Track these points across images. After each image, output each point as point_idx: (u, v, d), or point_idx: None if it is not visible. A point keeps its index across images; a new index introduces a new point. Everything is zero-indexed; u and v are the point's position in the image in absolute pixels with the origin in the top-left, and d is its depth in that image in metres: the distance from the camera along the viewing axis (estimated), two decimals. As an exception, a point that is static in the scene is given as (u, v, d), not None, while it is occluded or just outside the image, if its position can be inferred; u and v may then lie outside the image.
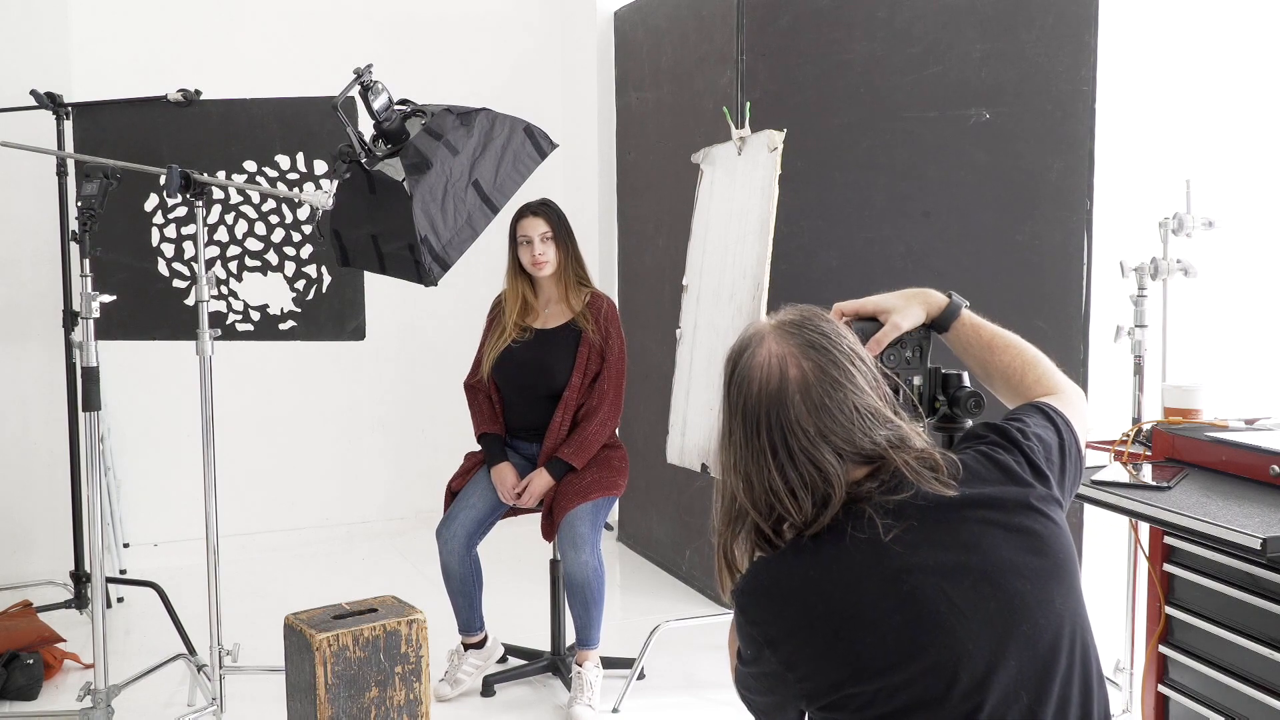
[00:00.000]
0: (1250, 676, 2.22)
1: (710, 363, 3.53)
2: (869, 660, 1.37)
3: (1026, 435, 1.52)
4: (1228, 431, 2.50)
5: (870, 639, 1.37)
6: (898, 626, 1.37)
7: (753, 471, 1.45)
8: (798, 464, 1.42)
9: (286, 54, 4.87)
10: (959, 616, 1.37)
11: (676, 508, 4.64)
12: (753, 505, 1.46)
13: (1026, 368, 1.71)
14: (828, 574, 1.40)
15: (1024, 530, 1.43)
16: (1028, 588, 1.40)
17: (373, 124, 2.80)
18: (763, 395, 1.44)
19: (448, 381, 4.29)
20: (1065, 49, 3.78)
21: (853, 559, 1.40)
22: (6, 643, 3.46)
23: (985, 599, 1.38)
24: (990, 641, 1.37)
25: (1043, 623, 1.40)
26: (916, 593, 1.37)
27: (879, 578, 1.38)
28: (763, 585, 1.45)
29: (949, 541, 1.40)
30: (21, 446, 4.39)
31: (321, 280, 3.72)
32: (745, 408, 1.46)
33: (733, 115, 3.59)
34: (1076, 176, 3.83)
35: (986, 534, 1.42)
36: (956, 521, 1.42)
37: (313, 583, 4.50)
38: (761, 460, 1.44)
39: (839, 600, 1.39)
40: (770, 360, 1.45)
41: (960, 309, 1.74)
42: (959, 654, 1.36)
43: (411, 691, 2.77)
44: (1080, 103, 3.80)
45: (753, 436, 1.45)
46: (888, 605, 1.37)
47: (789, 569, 1.43)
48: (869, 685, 1.37)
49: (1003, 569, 1.40)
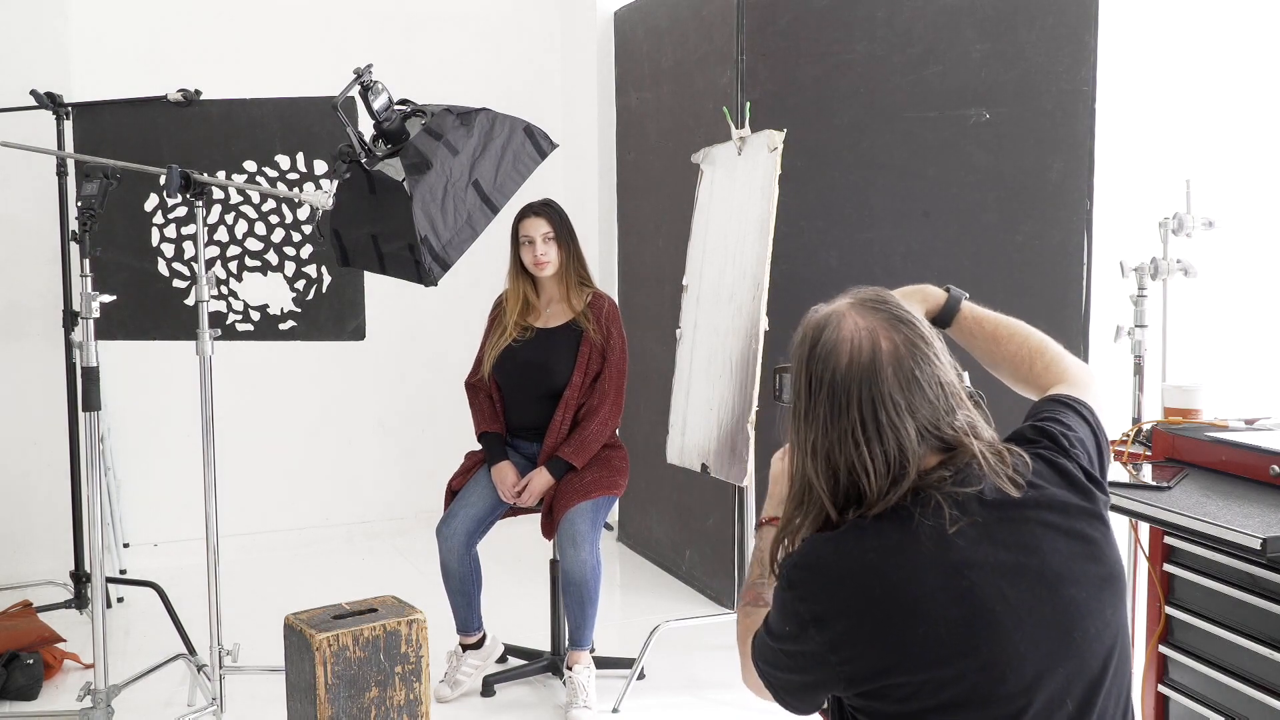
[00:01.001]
0: (1250, 676, 2.22)
1: (710, 362, 3.53)
2: (919, 651, 1.35)
3: (1073, 442, 1.51)
4: (1228, 431, 2.50)
5: (923, 629, 1.35)
6: (953, 620, 1.35)
7: (836, 449, 1.42)
8: (884, 439, 1.39)
9: (286, 54, 4.87)
10: (1014, 618, 1.36)
11: (676, 508, 4.64)
12: (829, 488, 1.43)
13: (1034, 355, 1.70)
14: (888, 558, 1.38)
15: (1082, 537, 1.42)
16: (1082, 595, 1.39)
17: (373, 124, 2.80)
18: (854, 367, 1.41)
19: (448, 381, 4.29)
20: (1065, 49, 3.78)
21: (915, 547, 1.37)
22: (6, 643, 3.46)
23: (1041, 603, 1.37)
24: (1042, 646, 1.36)
25: (1093, 632, 1.39)
26: (975, 589, 1.36)
27: (940, 569, 1.36)
28: (820, 561, 1.41)
29: (1011, 541, 1.39)
30: (21, 446, 4.39)
31: (321, 280, 3.72)
32: (834, 381, 1.42)
33: (733, 115, 3.59)
34: (1076, 176, 3.83)
35: (1047, 537, 1.40)
36: (1019, 521, 1.40)
37: (313, 583, 4.50)
38: (849, 436, 1.40)
39: (897, 586, 1.36)
40: (860, 333, 1.42)
41: (960, 303, 1.74)
42: (1010, 655, 1.35)
43: (411, 691, 2.77)
44: (1080, 103, 3.80)
45: (841, 412, 1.41)
46: (945, 598, 1.35)
47: (849, 548, 1.40)
48: (915, 676, 1.35)
49: (1060, 574, 1.39)
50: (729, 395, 3.40)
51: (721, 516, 4.24)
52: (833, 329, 1.44)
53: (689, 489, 4.45)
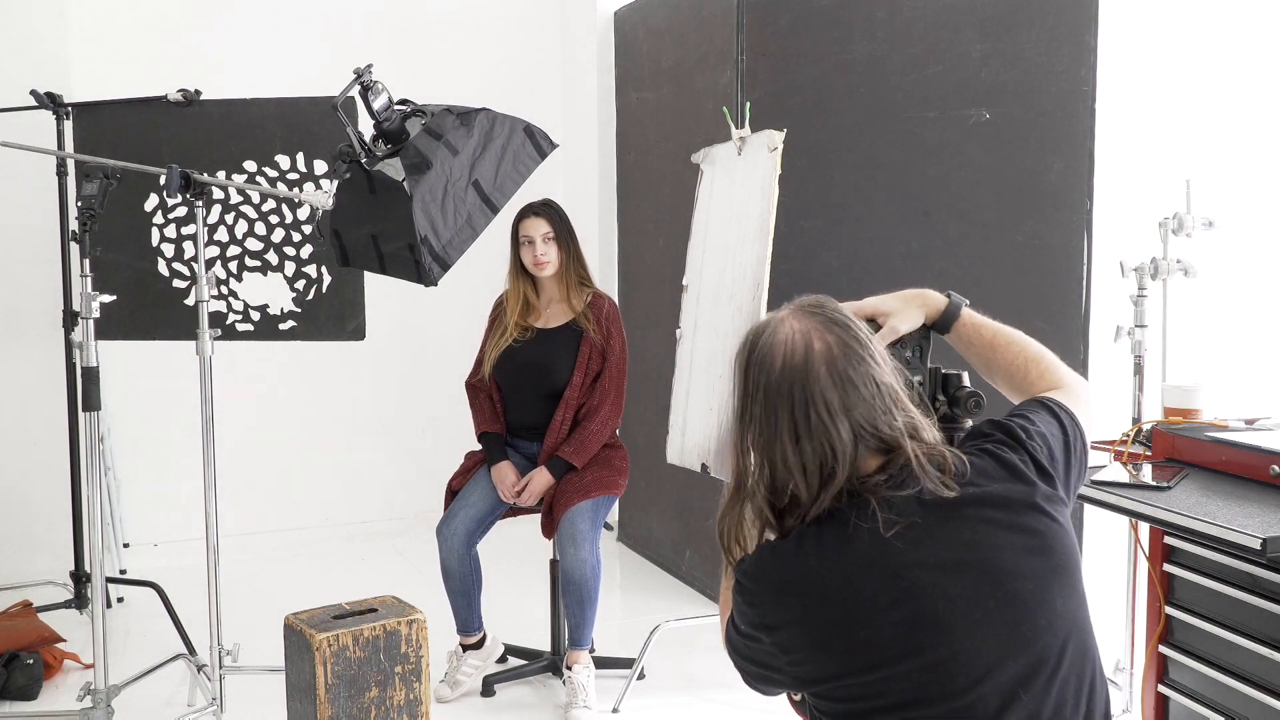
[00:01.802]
0: (1250, 676, 2.22)
1: (710, 362, 3.53)
2: (863, 654, 1.37)
3: (1030, 434, 1.52)
4: (1228, 431, 2.50)
5: (866, 634, 1.37)
6: (895, 622, 1.37)
7: (769, 448, 1.45)
8: (814, 438, 1.42)
9: (286, 54, 4.87)
10: (958, 615, 1.37)
11: (676, 508, 4.64)
12: (765, 485, 1.46)
13: (1030, 364, 1.70)
14: (828, 566, 1.40)
15: (1027, 530, 1.43)
16: (1029, 588, 1.40)
17: (373, 124, 2.80)
18: (786, 368, 1.44)
19: (448, 381, 4.29)
20: (1065, 49, 3.78)
21: (854, 553, 1.40)
22: (6, 643, 3.46)
23: (985, 598, 1.38)
24: (990, 641, 1.37)
25: (1043, 623, 1.40)
26: (915, 590, 1.37)
27: (879, 573, 1.38)
28: (764, 572, 1.46)
29: (951, 539, 1.40)
30: (21, 446, 4.39)
31: (321, 280, 3.72)
32: (768, 384, 1.45)
33: (733, 115, 3.59)
34: (1076, 176, 3.83)
35: (989, 533, 1.41)
36: (959, 520, 1.41)
37: (313, 583, 4.50)
38: (780, 436, 1.44)
39: (837, 594, 1.39)
40: (794, 335, 1.46)
41: (960, 309, 1.74)
42: (956, 652, 1.36)
43: (411, 691, 2.77)
44: (1080, 103, 3.80)
45: (772, 413, 1.45)
46: (886, 600, 1.37)
47: (790, 559, 1.44)
48: (861, 678, 1.38)
49: (1004, 569, 1.40)
50: (729, 395, 3.40)
51: (721, 516, 4.23)
52: (769, 333, 1.48)
53: (689, 489, 4.45)
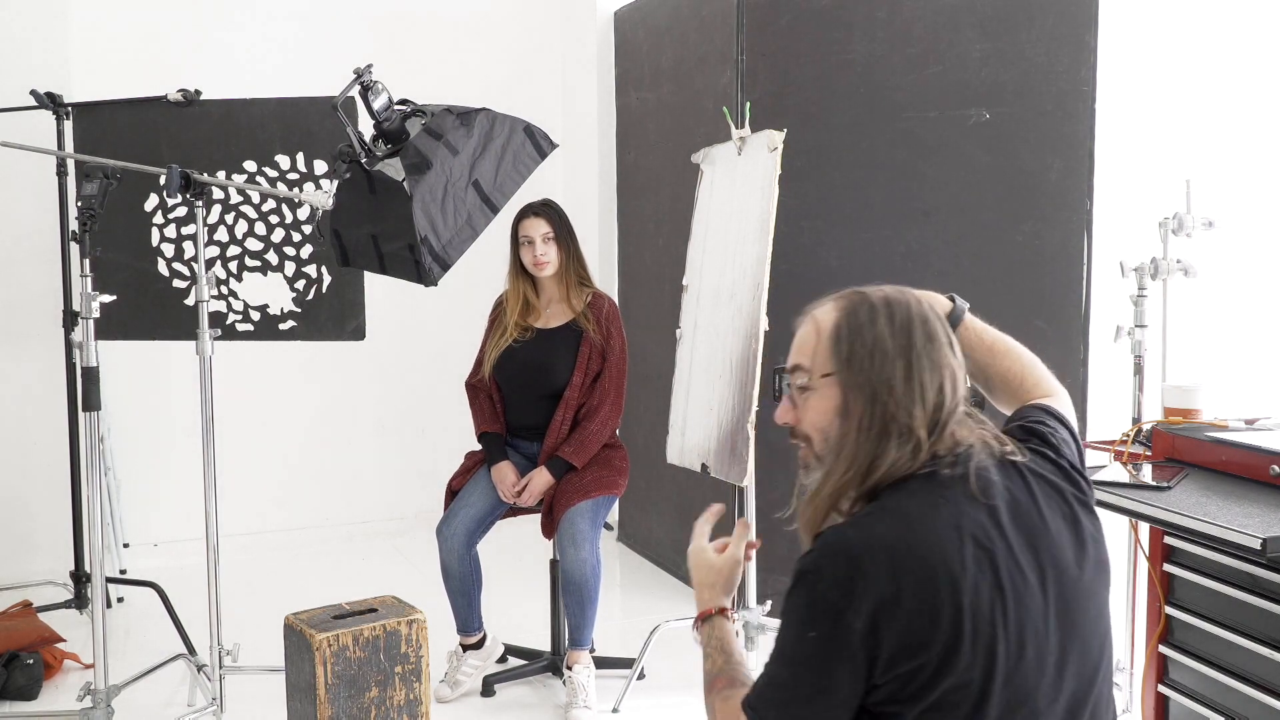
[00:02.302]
0: (1250, 676, 2.22)
1: (710, 362, 3.53)
2: (953, 622, 1.36)
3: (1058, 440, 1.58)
4: (1228, 431, 2.50)
5: (956, 600, 1.36)
6: (982, 589, 1.37)
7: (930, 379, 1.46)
8: (938, 371, 1.47)
9: (286, 54, 4.87)
10: (1030, 593, 1.41)
11: (676, 508, 4.64)
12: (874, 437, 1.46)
13: (1025, 372, 1.74)
14: (915, 531, 1.39)
15: (1077, 523, 1.49)
16: (1084, 579, 1.46)
17: (373, 124, 2.80)
18: (903, 309, 1.49)
19: (448, 381, 4.29)
20: (1065, 49, 3.78)
21: (941, 515, 1.40)
22: (6, 643, 3.46)
23: (1049, 581, 1.43)
24: (1054, 623, 1.42)
25: (1093, 613, 1.46)
26: (996, 559, 1.39)
27: (965, 536, 1.39)
28: (848, 544, 1.40)
29: (1023, 523, 1.44)
30: (21, 446, 4.39)
31: (321, 280, 3.72)
32: (921, 315, 1.49)
33: (733, 115, 3.59)
34: (1076, 176, 3.83)
35: (1052, 521, 1.47)
36: (1029, 504, 1.46)
37: (313, 583, 4.50)
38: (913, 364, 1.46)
39: (926, 557, 1.37)
40: (890, 293, 1.51)
41: (963, 314, 1.74)
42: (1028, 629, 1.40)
43: (411, 691, 2.77)
44: (1080, 103, 3.80)
45: (902, 351, 1.47)
46: (974, 567, 1.38)
47: (871, 528, 1.41)
48: (950, 645, 1.36)
49: (1065, 558, 1.45)
50: (729, 395, 3.40)
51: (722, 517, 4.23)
52: (860, 301, 1.51)
53: (689, 489, 4.45)
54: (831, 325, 1.51)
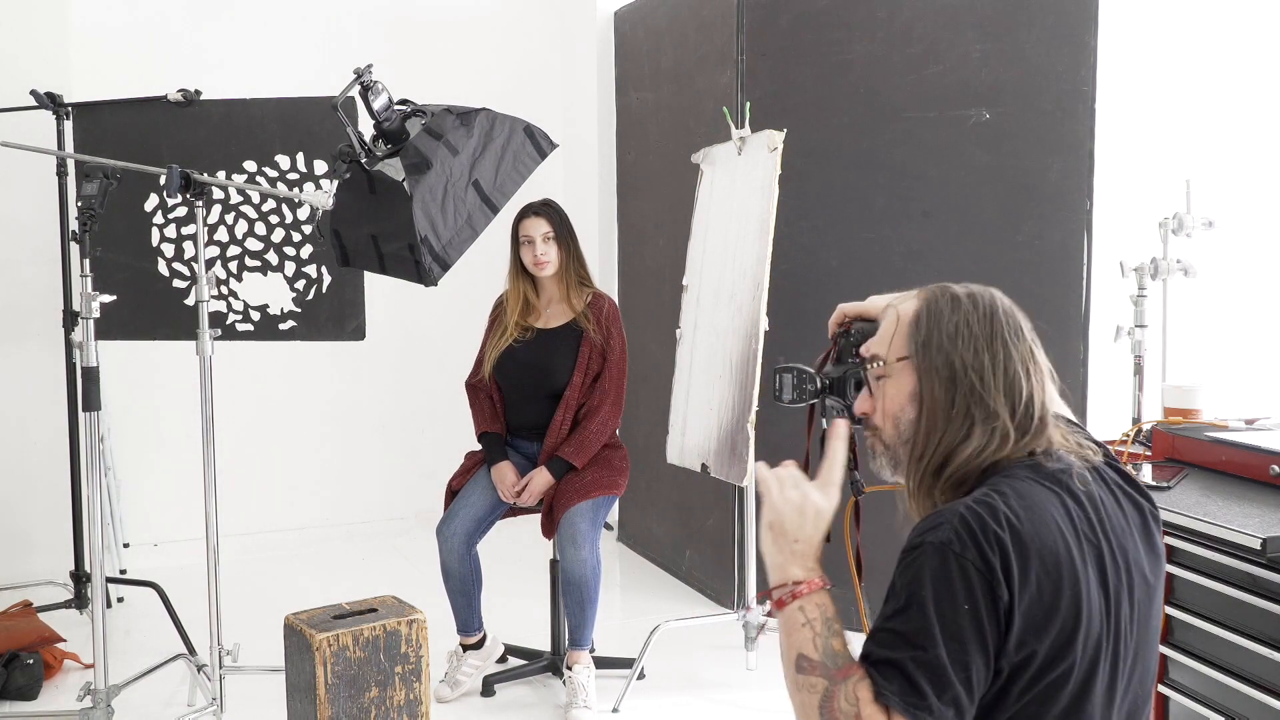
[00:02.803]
0: (1250, 676, 2.22)
1: (710, 362, 3.53)
2: (1072, 609, 1.36)
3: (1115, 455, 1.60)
4: (1228, 431, 2.50)
5: (1076, 589, 1.37)
6: (1090, 581, 1.39)
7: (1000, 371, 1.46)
8: (1034, 358, 1.47)
9: (286, 54, 4.87)
10: (1122, 592, 1.42)
11: (676, 508, 4.64)
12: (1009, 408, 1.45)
13: None
14: (1034, 517, 1.38)
15: (1147, 532, 1.51)
16: (1153, 580, 1.48)
17: (373, 124, 2.80)
18: (986, 304, 1.49)
19: (448, 381, 4.29)
20: (1065, 49, 3.78)
21: (1053, 504, 1.41)
22: (6, 643, 3.47)
23: (1134, 583, 1.44)
24: (1134, 624, 1.44)
25: (1155, 625, 1.48)
26: (1105, 568, 1.41)
27: (1075, 535, 1.40)
28: (986, 519, 1.36)
29: (1111, 521, 1.45)
30: (21, 446, 4.39)
31: (321, 280, 3.72)
32: (1005, 307, 1.49)
33: (733, 115, 3.59)
34: (1076, 176, 3.83)
35: (1132, 519, 1.49)
36: (1112, 500, 1.48)
37: (313, 583, 4.50)
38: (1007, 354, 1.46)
39: (1047, 545, 1.37)
40: (968, 289, 1.51)
41: None
42: (1121, 629, 1.41)
43: (411, 691, 2.77)
44: (1080, 103, 3.80)
45: (988, 341, 1.46)
46: (1081, 564, 1.39)
47: (1001, 506, 1.38)
48: (1065, 633, 1.36)
49: (1139, 558, 1.46)
50: (729, 395, 3.40)
51: (721, 516, 4.24)
52: (942, 299, 1.50)
53: (689, 489, 4.45)
54: (912, 313, 1.51)
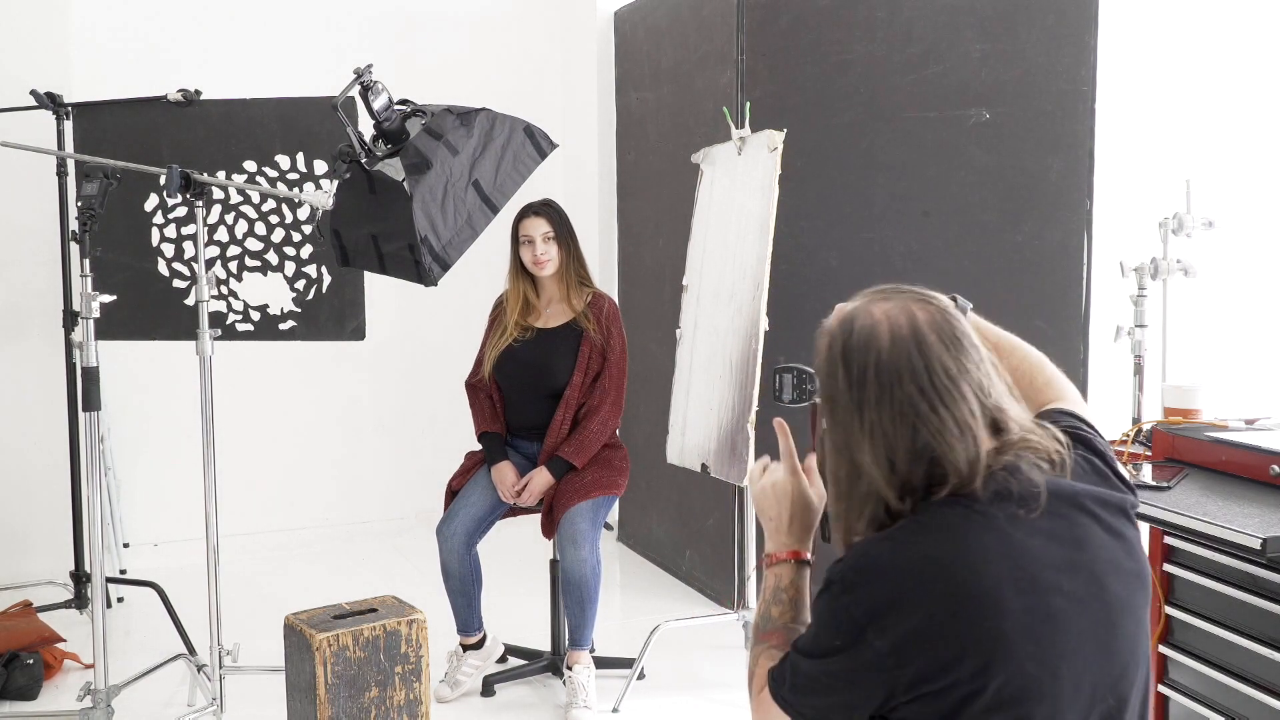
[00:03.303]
0: (1250, 676, 2.22)
1: (710, 362, 3.53)
2: (985, 642, 1.32)
3: (1104, 446, 1.53)
4: (1228, 431, 2.50)
5: (989, 622, 1.32)
6: (1016, 612, 1.32)
7: (895, 429, 1.37)
8: (949, 404, 1.36)
9: (286, 54, 4.87)
10: (1069, 613, 1.35)
11: (676, 508, 4.64)
12: (888, 471, 1.38)
13: (1034, 372, 1.70)
14: (952, 550, 1.34)
15: (1120, 534, 1.43)
16: (1123, 593, 1.40)
17: (373, 124, 2.80)
18: (897, 340, 1.38)
19: (448, 381, 4.29)
20: (1065, 49, 3.78)
21: (975, 538, 1.35)
22: (6, 643, 3.46)
23: (1091, 599, 1.37)
24: (1091, 643, 1.37)
25: (1131, 628, 1.40)
26: (1037, 581, 1.34)
27: (1001, 559, 1.34)
28: (876, 561, 1.37)
29: (1063, 534, 1.38)
30: (21, 446, 4.39)
31: (321, 280, 3.72)
32: (879, 361, 1.38)
33: (733, 115, 3.59)
34: (1076, 176, 3.83)
35: (1093, 532, 1.40)
36: (1070, 515, 1.40)
37: (313, 583, 4.50)
38: (907, 412, 1.36)
39: (963, 578, 1.33)
40: (892, 312, 1.40)
41: (965, 313, 1.73)
42: (1065, 650, 1.34)
43: (411, 691, 2.77)
44: (1080, 103, 3.80)
45: (893, 389, 1.37)
46: (1011, 590, 1.33)
47: (906, 543, 1.36)
48: (978, 668, 1.32)
49: (1105, 570, 1.39)
50: (729, 395, 3.40)
51: (721, 516, 4.24)
52: (864, 317, 1.42)
53: (689, 489, 4.45)
54: (822, 354, 1.46)
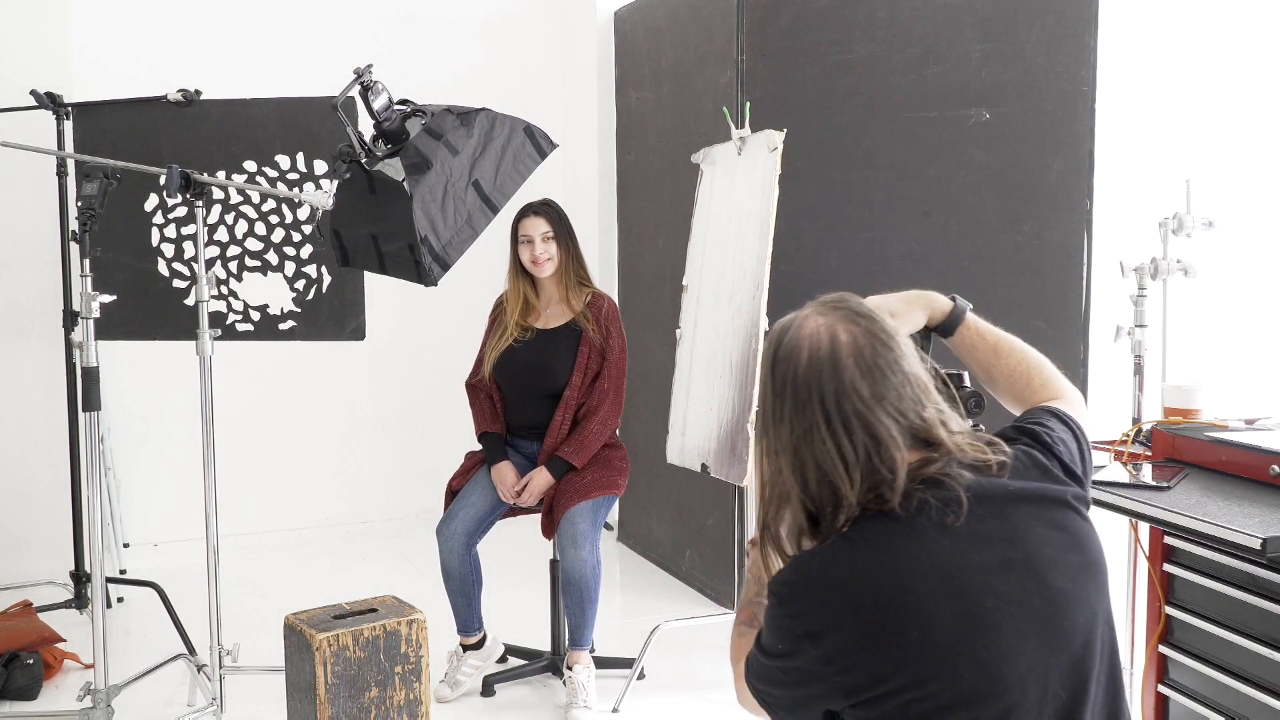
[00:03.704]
0: (1250, 676, 2.22)
1: (710, 362, 3.53)
2: (916, 655, 1.35)
3: (1053, 439, 1.53)
4: (1228, 431, 2.50)
5: (918, 633, 1.35)
6: (947, 620, 1.35)
7: (804, 447, 1.42)
8: (852, 430, 1.39)
9: (286, 54, 4.87)
10: (1005, 614, 1.37)
11: (676, 508, 4.64)
12: (802, 486, 1.43)
13: (1032, 372, 1.70)
14: (878, 564, 1.38)
15: (1063, 527, 1.44)
16: (1069, 586, 1.41)
17: (373, 124, 2.80)
18: (814, 361, 1.42)
19: (448, 381, 4.29)
20: (1065, 49, 3.78)
21: (902, 550, 1.38)
22: (6, 643, 3.46)
23: (1030, 596, 1.38)
24: (1032, 639, 1.37)
25: (1080, 621, 1.41)
26: (966, 588, 1.36)
27: (930, 570, 1.36)
28: (807, 576, 1.41)
29: (997, 535, 1.40)
30: (21, 446, 4.39)
31: (321, 280, 3.72)
32: (795, 379, 1.42)
33: (733, 115, 3.59)
34: (1076, 176, 3.83)
35: (1031, 529, 1.42)
36: (1003, 515, 1.41)
37: (313, 583, 4.50)
38: (815, 432, 1.40)
39: (888, 592, 1.36)
40: (818, 330, 1.44)
41: (964, 314, 1.73)
42: (1004, 651, 1.36)
43: (411, 691, 2.77)
44: (1080, 103, 3.80)
45: (803, 410, 1.41)
46: (938, 599, 1.35)
47: (836, 559, 1.40)
48: (912, 680, 1.35)
49: (1045, 565, 1.40)
50: (729, 395, 3.40)
51: (721, 516, 4.24)
52: (794, 330, 1.46)
53: (689, 489, 4.45)
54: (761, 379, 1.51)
